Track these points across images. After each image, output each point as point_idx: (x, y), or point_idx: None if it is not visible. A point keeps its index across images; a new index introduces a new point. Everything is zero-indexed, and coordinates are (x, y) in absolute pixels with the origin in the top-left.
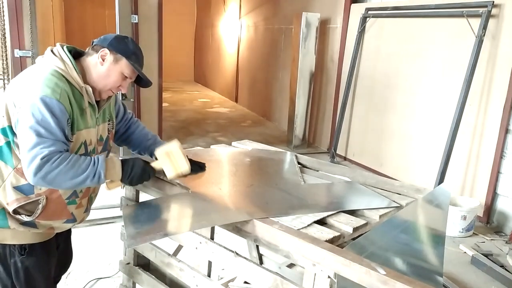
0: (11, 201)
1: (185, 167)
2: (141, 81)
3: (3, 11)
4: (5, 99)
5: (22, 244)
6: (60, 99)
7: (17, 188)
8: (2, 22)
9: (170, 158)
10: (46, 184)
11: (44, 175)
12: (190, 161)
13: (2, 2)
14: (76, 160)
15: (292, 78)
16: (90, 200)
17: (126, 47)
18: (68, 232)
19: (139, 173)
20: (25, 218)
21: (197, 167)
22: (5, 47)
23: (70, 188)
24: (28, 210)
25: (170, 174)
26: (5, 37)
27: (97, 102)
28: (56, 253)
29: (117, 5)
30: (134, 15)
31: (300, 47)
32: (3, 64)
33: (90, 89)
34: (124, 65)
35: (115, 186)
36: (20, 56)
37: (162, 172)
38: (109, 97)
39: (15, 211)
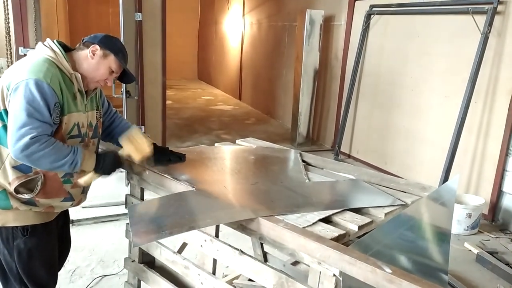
0: (12, 180)
1: (148, 148)
2: (124, 78)
3: (7, 10)
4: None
5: (24, 226)
6: (50, 83)
7: (16, 168)
8: (7, 20)
9: (133, 143)
10: (28, 162)
11: (29, 153)
12: (170, 152)
13: (7, 1)
14: (60, 146)
15: (296, 76)
16: None
17: (115, 45)
18: (66, 219)
19: (109, 163)
20: (26, 196)
21: (176, 157)
22: (10, 45)
23: (47, 170)
24: (28, 188)
25: (136, 157)
26: (9, 35)
27: (85, 91)
28: (56, 236)
29: (121, 3)
30: (138, 13)
31: (304, 45)
32: (7, 61)
33: (79, 76)
34: (112, 61)
35: (87, 179)
36: (25, 54)
37: (130, 157)
38: (95, 88)
39: (17, 190)
